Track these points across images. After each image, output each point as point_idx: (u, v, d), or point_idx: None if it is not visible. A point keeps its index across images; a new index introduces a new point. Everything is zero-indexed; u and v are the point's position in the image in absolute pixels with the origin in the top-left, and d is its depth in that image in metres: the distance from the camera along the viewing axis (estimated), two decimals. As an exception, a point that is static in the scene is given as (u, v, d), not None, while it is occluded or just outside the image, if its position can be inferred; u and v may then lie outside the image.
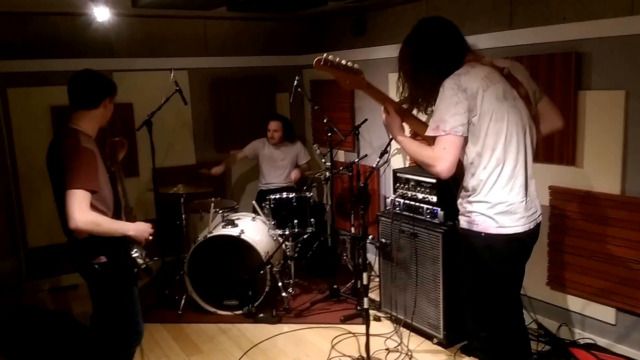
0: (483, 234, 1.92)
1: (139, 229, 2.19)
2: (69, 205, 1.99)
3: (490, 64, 1.95)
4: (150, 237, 2.24)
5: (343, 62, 1.91)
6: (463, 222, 2.01)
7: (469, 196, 1.96)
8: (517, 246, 1.95)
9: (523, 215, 1.92)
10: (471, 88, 1.83)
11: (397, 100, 3.06)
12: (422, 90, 1.96)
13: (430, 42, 1.91)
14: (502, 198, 1.89)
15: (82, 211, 1.99)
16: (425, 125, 2.00)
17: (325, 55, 1.88)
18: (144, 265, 2.24)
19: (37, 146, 3.93)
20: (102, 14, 3.36)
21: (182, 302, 3.59)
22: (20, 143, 3.97)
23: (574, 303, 2.98)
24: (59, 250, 2.28)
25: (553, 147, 2.91)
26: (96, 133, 2.27)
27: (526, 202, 1.93)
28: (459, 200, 2.04)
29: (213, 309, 3.57)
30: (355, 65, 1.94)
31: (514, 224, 1.91)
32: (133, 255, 2.21)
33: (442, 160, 1.83)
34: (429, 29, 1.94)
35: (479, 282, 1.99)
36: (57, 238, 2.21)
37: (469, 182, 1.95)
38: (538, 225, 2.00)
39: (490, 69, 1.92)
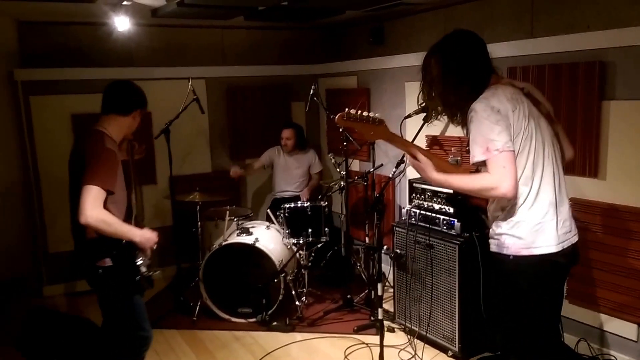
0: (512, 257, 1.87)
1: (146, 236, 2.20)
2: (82, 199, 2.01)
3: (509, 84, 1.93)
4: (155, 247, 2.24)
5: (365, 114, 1.91)
6: (493, 245, 1.96)
7: (497, 217, 1.92)
8: (549, 267, 1.89)
9: (554, 234, 1.87)
10: (503, 109, 1.81)
11: (414, 109, 3.04)
12: (447, 96, 1.92)
13: (468, 52, 1.89)
14: (530, 217, 1.85)
15: (94, 208, 2.01)
16: (445, 162, 1.97)
17: (347, 110, 1.90)
18: (147, 275, 2.23)
19: (58, 153, 4.02)
20: (122, 24, 3.42)
21: (197, 308, 3.61)
22: (42, 150, 4.06)
23: (594, 318, 2.90)
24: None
25: (575, 159, 2.83)
26: (120, 140, 2.33)
27: (557, 221, 1.87)
28: (489, 224, 2.00)
29: (227, 316, 3.58)
30: (377, 115, 1.94)
31: (544, 244, 1.85)
32: (137, 263, 2.20)
33: (505, 180, 1.76)
34: (466, 39, 1.92)
35: (512, 307, 1.94)
36: (75, 243, 2.24)
37: (498, 202, 1.91)
38: (574, 246, 1.94)
39: (513, 88, 1.91)
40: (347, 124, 1.92)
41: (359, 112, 1.92)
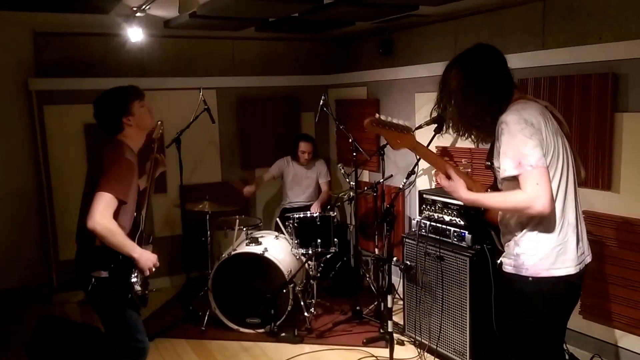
0: (531, 279, 1.82)
1: (145, 256, 2.17)
2: (94, 205, 2.01)
3: (534, 100, 1.91)
4: (154, 269, 2.21)
5: (394, 120, 1.90)
6: (508, 265, 1.89)
7: (516, 235, 1.87)
8: (569, 289, 1.86)
9: (574, 255, 1.83)
10: (536, 122, 1.77)
11: (425, 120, 3.04)
12: (465, 111, 1.88)
13: (489, 66, 1.87)
14: (553, 237, 1.81)
15: (104, 215, 2.01)
16: (467, 176, 1.94)
17: (377, 116, 1.88)
18: (140, 293, 2.20)
19: (70, 162, 4.07)
20: (135, 35, 3.47)
21: (206, 318, 3.60)
22: (55, 159, 4.10)
23: (608, 334, 2.85)
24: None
25: (588, 171, 2.81)
26: (142, 143, 2.30)
27: (576, 242, 1.84)
28: (503, 242, 1.95)
29: (236, 326, 3.57)
30: (405, 123, 1.92)
31: (564, 265, 1.81)
32: (132, 280, 2.17)
33: (540, 197, 1.69)
34: (488, 54, 1.90)
35: (527, 329, 1.89)
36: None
37: (518, 219, 1.86)
38: (586, 267, 1.90)
39: (540, 105, 1.88)
40: (376, 130, 1.89)
41: (389, 118, 1.89)
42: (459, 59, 1.91)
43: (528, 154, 1.72)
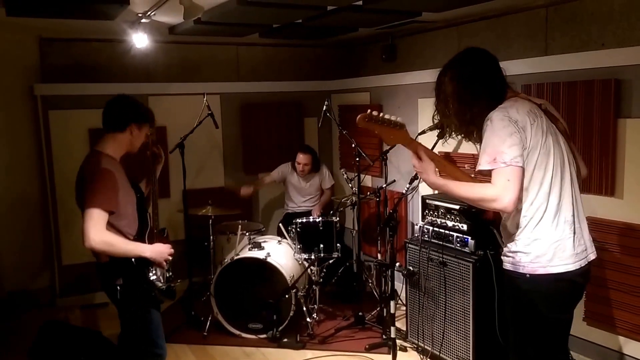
0: (528, 276, 1.83)
1: (157, 250, 2.17)
2: (84, 224, 2.02)
3: (527, 99, 1.92)
4: (170, 258, 2.21)
5: (387, 116, 1.91)
6: (507, 263, 1.91)
7: (513, 234, 1.88)
8: (567, 287, 1.85)
9: (572, 252, 1.83)
10: (521, 121, 1.79)
11: (427, 126, 3.05)
12: (463, 114, 1.90)
13: (482, 67, 1.89)
14: (549, 234, 1.82)
15: (97, 231, 2.01)
16: (457, 168, 1.96)
17: (369, 111, 1.89)
18: (164, 288, 2.21)
19: (74, 167, 3.98)
20: (140, 41, 3.50)
21: (208, 323, 3.60)
22: (59, 163, 4.12)
23: (612, 340, 2.83)
24: (92, 268, 2.32)
25: (591, 177, 2.81)
26: (122, 153, 2.29)
27: (574, 239, 1.84)
28: (503, 240, 1.97)
29: (238, 332, 3.56)
30: (398, 119, 1.93)
31: (562, 262, 1.82)
32: (151, 278, 2.17)
33: (506, 193, 1.73)
34: (479, 56, 1.92)
35: (525, 327, 1.89)
36: (89, 256, 2.25)
37: (514, 218, 1.87)
38: (589, 264, 1.90)
39: (531, 103, 1.90)
40: (368, 126, 1.90)
41: (381, 114, 1.90)
42: (451, 65, 1.93)
43: (504, 151, 1.76)
